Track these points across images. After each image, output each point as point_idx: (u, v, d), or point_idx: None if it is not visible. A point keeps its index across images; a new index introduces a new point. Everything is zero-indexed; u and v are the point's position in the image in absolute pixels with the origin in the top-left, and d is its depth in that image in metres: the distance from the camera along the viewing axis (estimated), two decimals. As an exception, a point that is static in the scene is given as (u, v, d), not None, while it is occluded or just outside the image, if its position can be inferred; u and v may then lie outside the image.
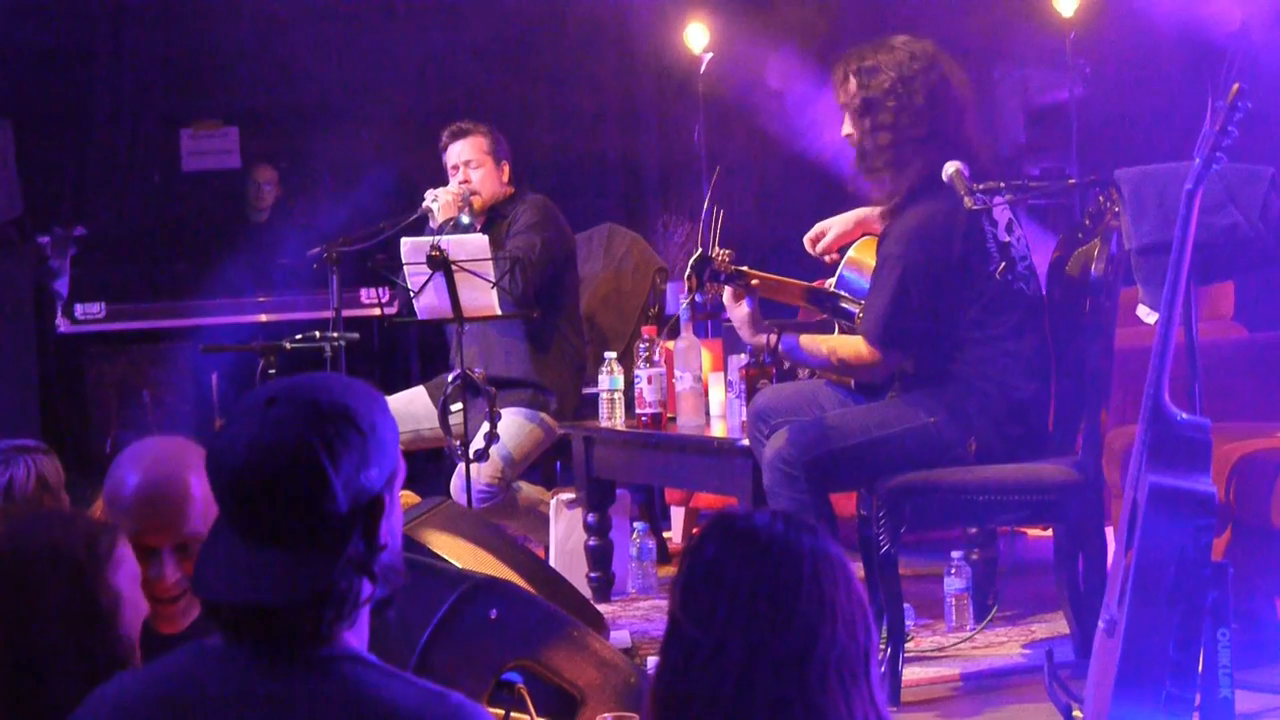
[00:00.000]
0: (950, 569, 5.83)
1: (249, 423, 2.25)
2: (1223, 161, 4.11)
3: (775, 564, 2.20)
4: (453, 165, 6.97)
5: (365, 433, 2.26)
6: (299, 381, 2.31)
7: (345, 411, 2.26)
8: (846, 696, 2.19)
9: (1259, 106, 4.14)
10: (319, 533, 2.23)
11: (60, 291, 8.89)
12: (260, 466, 2.22)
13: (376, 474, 2.27)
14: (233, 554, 2.23)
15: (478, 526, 4.79)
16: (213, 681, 2.23)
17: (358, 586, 2.26)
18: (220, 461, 2.25)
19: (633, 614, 6.30)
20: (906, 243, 5.20)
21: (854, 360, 5.29)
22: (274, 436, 2.23)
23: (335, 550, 2.23)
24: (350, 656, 2.25)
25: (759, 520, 2.24)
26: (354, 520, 2.25)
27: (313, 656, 2.23)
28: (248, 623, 2.23)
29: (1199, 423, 4.10)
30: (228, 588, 2.23)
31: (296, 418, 2.24)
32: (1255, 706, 4.65)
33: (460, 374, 6.22)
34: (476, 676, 3.95)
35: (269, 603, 2.21)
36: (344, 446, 2.24)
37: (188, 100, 10.22)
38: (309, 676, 2.21)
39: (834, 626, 2.19)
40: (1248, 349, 6.74)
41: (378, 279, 7.98)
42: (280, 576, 2.21)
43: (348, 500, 2.24)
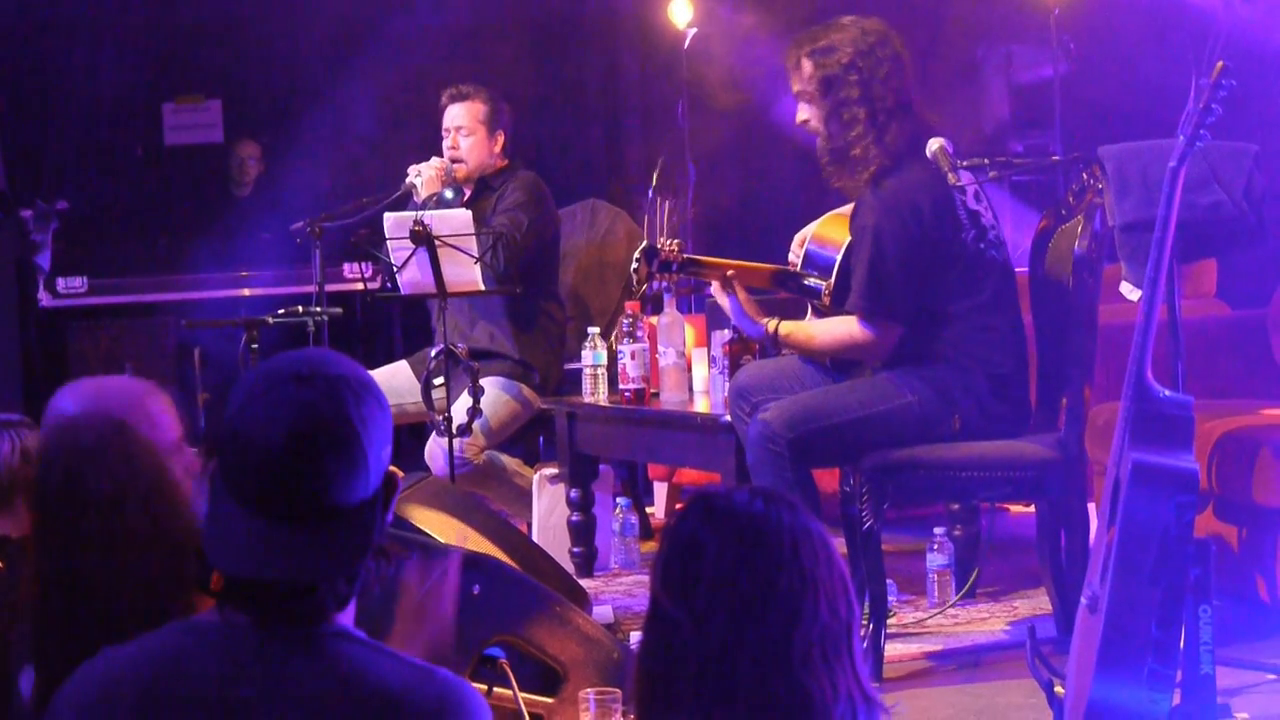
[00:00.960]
0: (933, 545, 5.84)
1: (276, 402, 2.19)
2: (1206, 139, 4.11)
3: (754, 541, 2.20)
4: (445, 128, 6.95)
5: (385, 408, 2.25)
6: (317, 356, 2.26)
7: (370, 387, 2.24)
8: (830, 671, 2.19)
9: (1242, 84, 4.14)
10: (353, 511, 2.21)
11: (42, 265, 8.87)
12: (301, 446, 2.17)
13: (390, 450, 2.26)
14: (255, 530, 2.19)
15: (461, 502, 4.78)
16: (205, 659, 2.20)
17: (374, 564, 2.24)
18: (249, 442, 2.19)
19: (615, 589, 6.31)
20: (878, 212, 5.19)
21: (845, 341, 5.28)
22: (314, 415, 2.18)
23: (367, 528, 2.22)
24: (340, 633, 2.23)
25: (738, 498, 2.24)
26: (378, 496, 2.24)
27: (307, 634, 2.21)
28: (265, 599, 2.20)
29: (1181, 400, 4.11)
30: (258, 565, 2.19)
31: (334, 394, 2.20)
32: (1236, 683, 4.67)
33: (443, 349, 6.22)
34: (459, 652, 3.96)
35: (302, 581, 2.19)
36: (374, 423, 2.22)
37: (170, 74, 10.19)
38: (301, 654, 2.20)
39: (815, 602, 2.19)
40: (1230, 326, 6.75)
41: (361, 254, 7.97)
42: (316, 555, 2.19)
43: (377, 476, 2.23)
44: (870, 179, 5.23)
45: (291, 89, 10.15)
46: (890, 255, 5.16)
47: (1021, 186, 9.37)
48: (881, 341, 5.24)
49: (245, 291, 9.01)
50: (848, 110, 5.24)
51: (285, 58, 10.11)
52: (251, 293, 8.98)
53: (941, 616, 5.66)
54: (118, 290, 9.02)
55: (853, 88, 5.23)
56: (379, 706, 2.16)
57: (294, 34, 10.08)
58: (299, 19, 10.07)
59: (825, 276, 5.34)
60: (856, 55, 5.25)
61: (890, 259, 5.16)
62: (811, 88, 5.30)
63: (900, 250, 5.16)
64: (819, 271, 5.38)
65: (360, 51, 9.99)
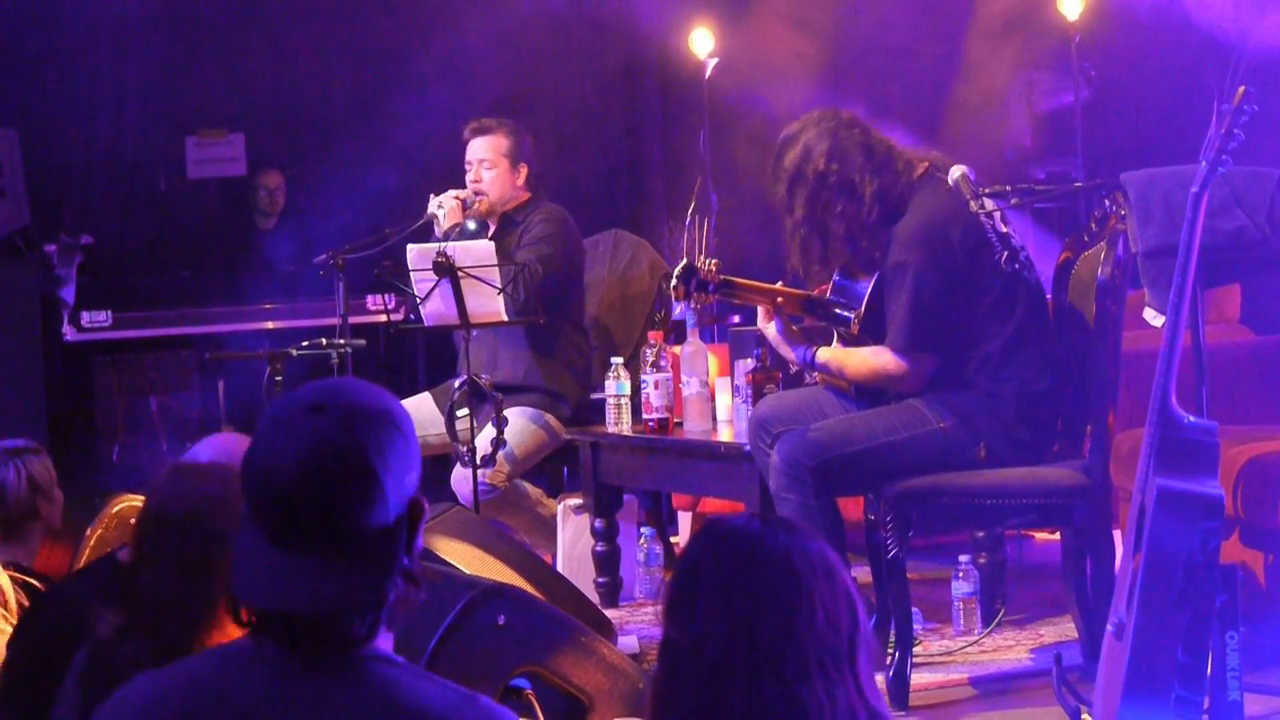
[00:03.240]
0: (958, 573, 5.83)
1: (294, 433, 2.20)
2: (1229, 164, 4.11)
3: (748, 559, 2.21)
4: (468, 161, 6.97)
5: (407, 435, 2.24)
6: (337, 386, 2.26)
7: (389, 416, 2.23)
8: (828, 685, 2.19)
9: (1265, 109, 4.14)
10: (372, 540, 2.20)
11: (66, 300, 8.88)
12: (314, 477, 2.17)
13: (415, 476, 2.25)
14: (277, 563, 2.19)
15: (486, 532, 4.79)
16: (241, 685, 2.20)
17: (402, 590, 2.23)
18: (266, 473, 2.20)
19: (640, 619, 6.30)
20: (912, 246, 5.21)
21: (881, 373, 5.29)
22: (327, 445, 2.18)
23: (389, 557, 2.21)
24: (380, 657, 2.23)
25: (738, 523, 2.26)
26: (400, 525, 2.23)
27: (345, 658, 2.20)
28: (295, 629, 2.19)
29: (1206, 426, 4.10)
30: (279, 598, 2.19)
31: (347, 425, 2.19)
32: (1264, 709, 4.65)
33: (467, 380, 6.22)
34: (484, 682, 3.95)
35: (324, 613, 2.18)
36: (392, 453, 2.21)
37: (193, 108, 10.22)
38: (340, 678, 2.19)
39: (812, 615, 2.19)
40: (1254, 352, 6.74)
41: (384, 286, 7.97)
42: (336, 586, 2.18)
43: (397, 506, 2.21)
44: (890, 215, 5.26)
45: (314, 122, 10.17)
46: (927, 288, 5.17)
47: (1044, 214, 9.36)
48: (917, 373, 5.25)
49: (269, 324, 9.01)
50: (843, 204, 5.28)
51: (308, 91, 10.12)
52: (275, 325, 8.98)
53: (966, 643, 5.65)
54: (142, 324, 9.03)
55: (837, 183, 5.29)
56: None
57: (316, 67, 10.09)
58: (321, 52, 10.10)
59: (854, 306, 5.35)
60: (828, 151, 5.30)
61: (927, 293, 5.17)
62: (802, 213, 5.34)
63: (936, 283, 5.17)
64: (848, 300, 5.39)
65: (382, 84, 10.01)
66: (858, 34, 9.41)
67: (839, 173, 5.29)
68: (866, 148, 5.31)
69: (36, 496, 4.75)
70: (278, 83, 10.06)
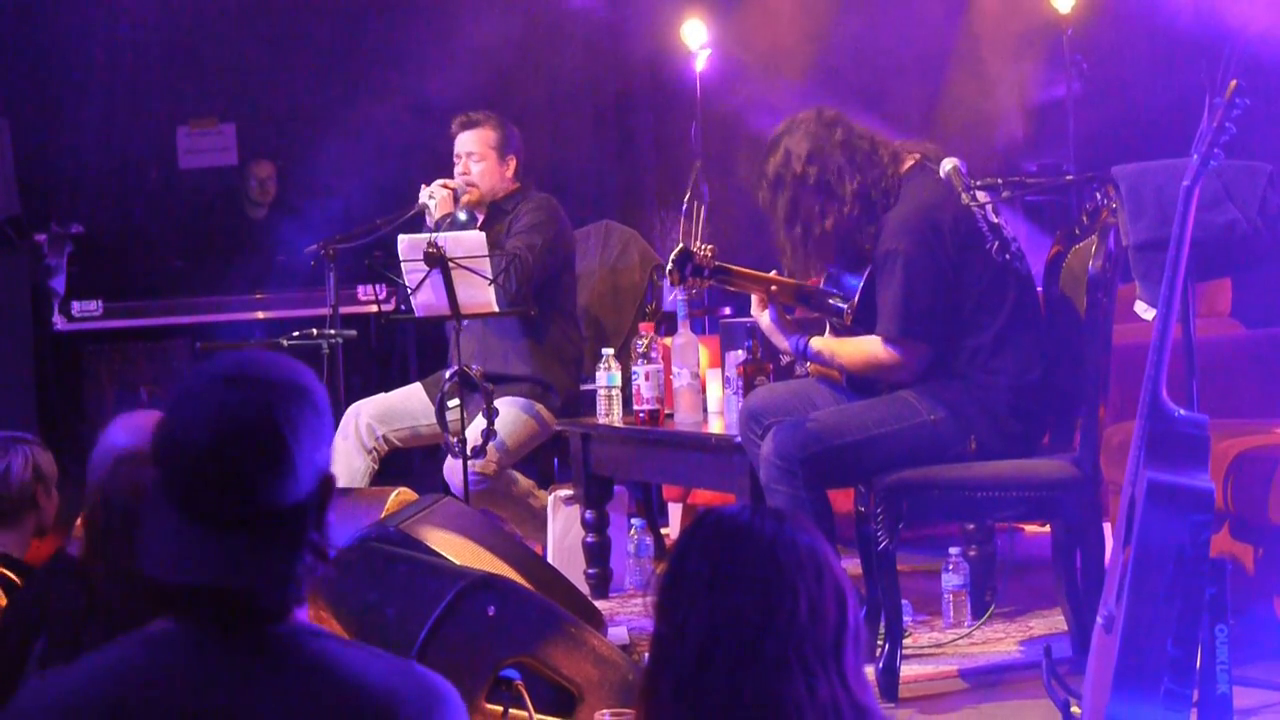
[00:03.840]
0: (948, 565, 5.83)
1: (206, 404, 2.18)
2: (1220, 158, 4.11)
3: (732, 547, 2.21)
4: (456, 155, 6.97)
5: (320, 411, 2.23)
6: (251, 359, 2.24)
7: (303, 390, 2.22)
8: (809, 678, 2.18)
9: (1257, 103, 4.14)
10: (282, 513, 2.18)
11: (57, 289, 8.88)
12: (225, 449, 2.15)
13: (328, 451, 2.24)
14: (186, 535, 2.17)
15: (476, 523, 4.79)
16: (165, 669, 2.16)
17: (314, 565, 2.22)
18: (177, 444, 2.18)
19: (630, 610, 6.30)
20: (903, 235, 5.22)
21: (873, 362, 5.29)
22: (238, 417, 2.17)
23: (299, 531, 2.20)
24: (305, 630, 2.21)
25: (726, 511, 2.26)
26: (313, 501, 2.22)
27: (268, 634, 2.18)
28: (205, 604, 2.17)
29: (1197, 419, 4.10)
30: (188, 570, 2.16)
31: (259, 398, 2.18)
32: (1253, 702, 4.66)
33: (457, 371, 6.22)
34: (475, 673, 3.96)
35: (235, 586, 2.16)
36: (304, 427, 2.19)
37: (184, 97, 10.21)
38: (266, 654, 2.17)
39: (795, 607, 2.19)
40: (1245, 346, 6.75)
41: (375, 276, 7.98)
42: (241, 558, 2.16)
43: (308, 481, 2.20)
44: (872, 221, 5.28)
45: (305, 112, 10.16)
46: (918, 277, 5.18)
47: (1035, 206, 9.36)
48: (909, 362, 5.25)
49: (260, 314, 9.02)
50: (824, 207, 5.29)
51: (299, 80, 10.12)
52: (266, 315, 8.98)
53: (956, 635, 5.65)
54: (132, 313, 9.02)
55: (817, 186, 5.29)
56: (359, 702, 2.14)
57: (308, 57, 10.09)
58: (312, 42, 10.09)
59: (848, 297, 5.35)
60: (807, 154, 5.32)
61: (917, 281, 5.18)
62: (783, 217, 5.35)
63: (927, 271, 5.18)
64: (841, 291, 5.39)
65: (373, 74, 10.01)
66: (850, 25, 9.42)
67: (818, 175, 5.30)
68: (847, 146, 5.32)
69: (38, 485, 4.76)
70: (269, 73, 10.05)
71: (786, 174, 5.34)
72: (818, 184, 5.30)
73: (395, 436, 6.83)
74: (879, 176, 5.30)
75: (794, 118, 5.43)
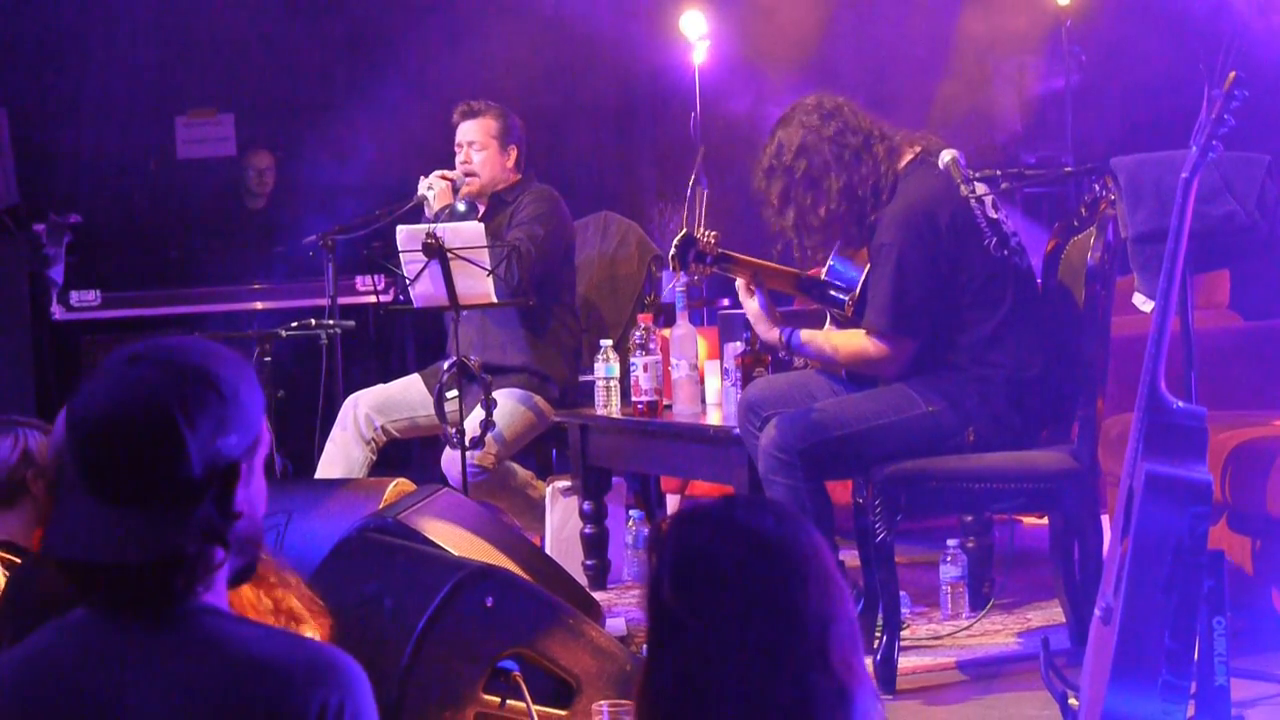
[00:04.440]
0: (946, 557, 5.83)
1: (109, 380, 2.24)
2: (1219, 150, 4.11)
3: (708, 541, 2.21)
4: (458, 143, 6.97)
5: (226, 398, 2.25)
6: (163, 343, 2.29)
7: (206, 375, 2.24)
8: (804, 670, 2.18)
9: (1255, 94, 4.14)
10: (170, 494, 2.21)
11: (55, 279, 8.87)
12: (115, 424, 2.20)
13: (236, 441, 2.25)
14: (85, 511, 2.22)
15: (474, 515, 4.78)
16: (74, 651, 2.22)
17: (209, 552, 2.23)
18: (77, 417, 2.24)
19: (628, 602, 6.30)
20: (896, 228, 5.21)
21: (861, 356, 5.29)
22: (131, 395, 2.21)
23: (186, 513, 2.22)
24: (207, 609, 2.24)
25: (704, 506, 2.26)
26: (208, 485, 2.23)
27: (168, 614, 2.22)
28: (100, 582, 2.22)
29: (1195, 411, 4.10)
30: (79, 547, 2.22)
31: (155, 377, 2.22)
32: (1251, 694, 4.66)
33: (456, 361, 6.22)
34: (473, 664, 3.96)
35: (117, 562, 2.20)
36: (201, 410, 2.22)
37: (182, 88, 10.20)
38: (166, 632, 2.21)
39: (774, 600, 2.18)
40: (1243, 337, 6.75)
41: (374, 267, 7.97)
42: (129, 536, 2.19)
43: (202, 464, 2.22)
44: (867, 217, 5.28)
45: (304, 102, 10.16)
46: (910, 271, 5.17)
47: (1033, 198, 9.37)
48: (896, 357, 5.25)
49: (258, 304, 9.01)
50: (807, 199, 5.30)
51: (298, 71, 10.12)
52: (265, 305, 8.98)
53: (954, 627, 5.65)
54: (131, 303, 9.03)
55: (804, 180, 5.30)
56: (247, 676, 2.17)
57: (307, 47, 10.08)
58: (311, 31, 10.08)
59: (849, 288, 5.35)
60: (798, 147, 5.32)
61: (910, 275, 5.17)
62: (776, 204, 5.36)
63: (921, 265, 5.18)
64: (843, 282, 5.39)
65: (373, 64, 10.00)
66: (849, 17, 9.42)
67: (805, 169, 5.31)
68: (837, 142, 5.31)
69: (27, 470, 4.74)
70: (268, 63, 10.05)
71: (778, 164, 5.36)
72: (805, 177, 5.31)
73: (393, 427, 6.83)
74: (869, 174, 5.29)
75: (796, 105, 5.43)
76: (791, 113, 5.41)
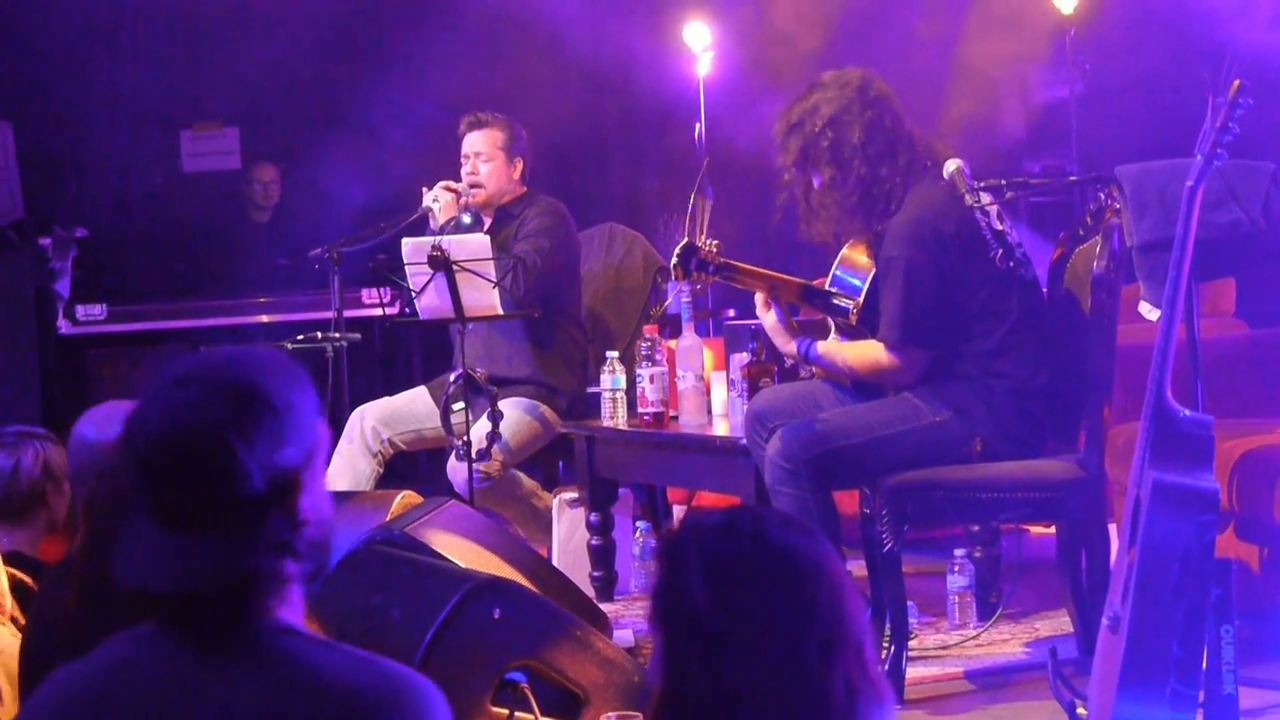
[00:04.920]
0: (953, 566, 5.83)
1: (160, 404, 2.21)
2: (1224, 158, 4.11)
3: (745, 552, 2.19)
4: (464, 155, 6.97)
5: (280, 411, 2.22)
6: (210, 359, 2.27)
7: (256, 390, 2.22)
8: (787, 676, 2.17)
9: (1260, 102, 4.14)
10: (235, 516, 2.18)
11: (61, 293, 8.87)
12: (171, 450, 2.18)
13: (294, 452, 2.23)
14: (151, 539, 2.20)
15: (481, 526, 4.79)
16: (146, 667, 2.20)
17: (281, 566, 2.22)
18: (133, 444, 2.21)
19: (635, 613, 6.30)
20: (903, 242, 5.21)
21: (875, 367, 5.29)
22: (184, 419, 2.19)
23: (254, 532, 2.19)
24: (283, 629, 2.22)
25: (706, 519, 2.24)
26: (271, 501, 2.20)
27: (245, 632, 2.20)
28: (174, 609, 2.19)
29: (1201, 419, 4.10)
30: (149, 576, 2.19)
31: (207, 399, 2.20)
32: (1259, 703, 4.66)
33: (462, 373, 6.22)
34: (480, 676, 3.96)
35: (192, 590, 2.18)
36: (255, 427, 2.19)
37: (188, 101, 10.21)
38: (243, 652, 2.19)
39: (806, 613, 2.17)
40: (1249, 346, 6.74)
41: (379, 279, 7.98)
42: (200, 562, 2.17)
43: (263, 482, 2.19)
44: (875, 219, 5.27)
45: (309, 115, 10.16)
46: (918, 284, 5.17)
47: (1038, 207, 9.37)
48: (910, 368, 5.25)
49: (264, 318, 9.01)
50: (825, 171, 5.29)
51: (303, 84, 10.12)
52: (270, 319, 8.98)
53: (962, 637, 5.65)
54: (137, 317, 9.02)
55: (828, 150, 5.29)
56: (325, 701, 2.15)
57: (311, 60, 10.08)
58: (316, 45, 10.08)
59: (853, 297, 5.36)
60: (830, 117, 5.30)
61: (919, 288, 5.17)
62: (790, 161, 5.35)
63: (929, 278, 5.18)
64: (846, 292, 5.39)
65: (377, 77, 10.00)
66: (853, 26, 9.41)
67: (832, 142, 5.30)
68: (870, 130, 5.29)
69: (47, 482, 4.77)
70: (273, 76, 10.04)
71: (807, 124, 5.33)
72: (830, 148, 5.30)
73: (400, 440, 6.83)
74: (887, 177, 5.28)
75: (843, 75, 5.39)
76: (835, 82, 5.37)
